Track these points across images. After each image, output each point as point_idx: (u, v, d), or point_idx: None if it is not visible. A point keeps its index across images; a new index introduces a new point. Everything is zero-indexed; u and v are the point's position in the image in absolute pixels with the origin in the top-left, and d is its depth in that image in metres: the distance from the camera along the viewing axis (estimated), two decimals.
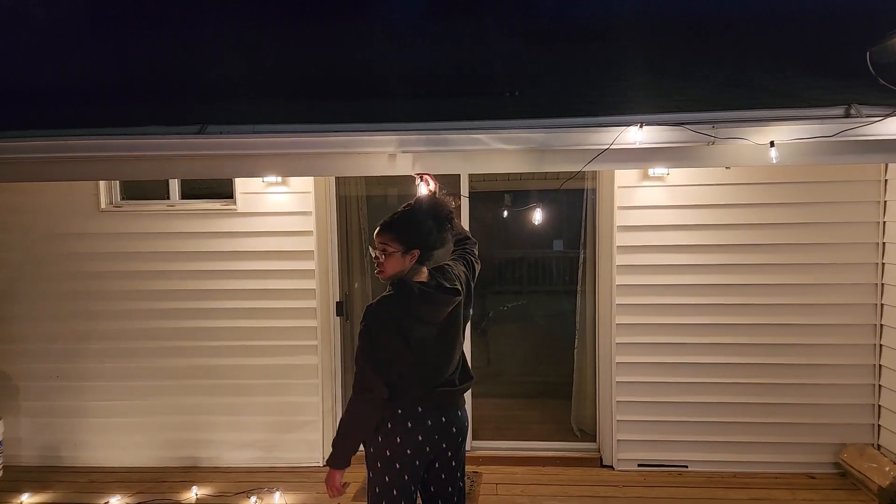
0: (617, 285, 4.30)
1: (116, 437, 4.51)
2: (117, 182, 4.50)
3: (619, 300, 4.31)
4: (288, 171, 3.56)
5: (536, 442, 4.61)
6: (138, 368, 4.47)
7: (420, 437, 2.34)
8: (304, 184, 4.35)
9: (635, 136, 2.93)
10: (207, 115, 3.26)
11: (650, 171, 4.19)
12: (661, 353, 4.28)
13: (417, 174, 3.06)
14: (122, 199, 4.54)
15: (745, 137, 2.90)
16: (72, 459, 4.52)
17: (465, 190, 4.45)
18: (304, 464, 4.46)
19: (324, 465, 2.65)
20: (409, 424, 2.35)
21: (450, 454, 2.48)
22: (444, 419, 2.41)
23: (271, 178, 4.30)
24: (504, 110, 3.42)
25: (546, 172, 5.15)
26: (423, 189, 3.02)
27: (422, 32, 3.63)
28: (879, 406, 4.18)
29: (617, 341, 4.33)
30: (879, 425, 4.19)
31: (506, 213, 5.24)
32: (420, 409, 2.37)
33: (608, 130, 2.96)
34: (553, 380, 5.32)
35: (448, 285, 2.40)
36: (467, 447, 4.53)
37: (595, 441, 4.55)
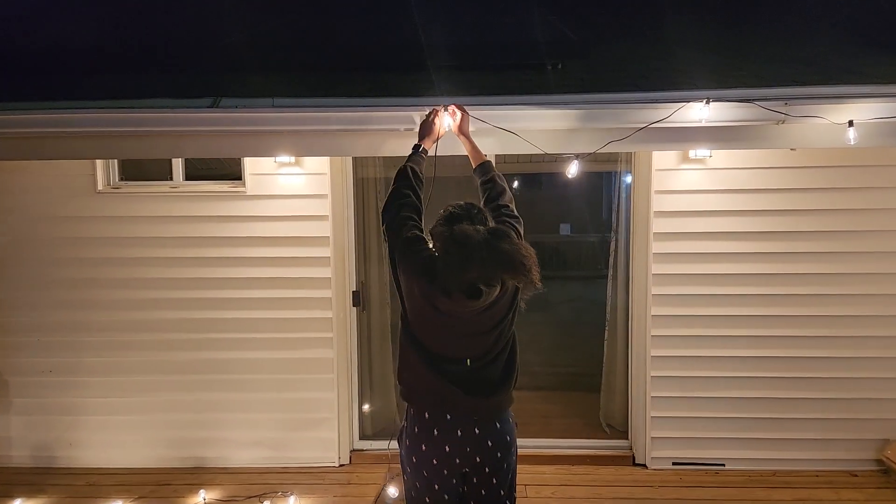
0: (653, 274, 4.08)
1: (116, 436, 4.24)
2: (115, 161, 4.20)
3: (655, 290, 4.09)
4: (309, 151, 3.31)
5: (565, 439, 4.40)
6: (139, 362, 4.20)
7: (447, 448, 2.16)
8: (319, 164, 4.07)
9: (700, 112, 2.70)
10: (221, 88, 2.98)
11: (691, 154, 3.96)
12: (699, 347, 4.08)
13: (443, 106, 2.67)
14: (121, 179, 4.23)
15: (821, 115, 2.68)
16: (67, 460, 4.25)
17: None
18: (319, 464, 4.23)
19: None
20: (436, 433, 2.17)
21: (487, 470, 2.22)
22: (476, 431, 2.17)
23: (284, 159, 4.01)
24: (546, 84, 3.17)
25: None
26: (448, 121, 2.66)
27: (455, 3, 3.33)
28: None
29: (653, 333, 4.12)
30: None
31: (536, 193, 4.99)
32: (449, 417, 2.17)
33: (666, 107, 2.72)
34: (578, 371, 5.13)
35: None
36: None
37: (626, 438, 4.36)
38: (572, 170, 2.75)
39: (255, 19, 3.06)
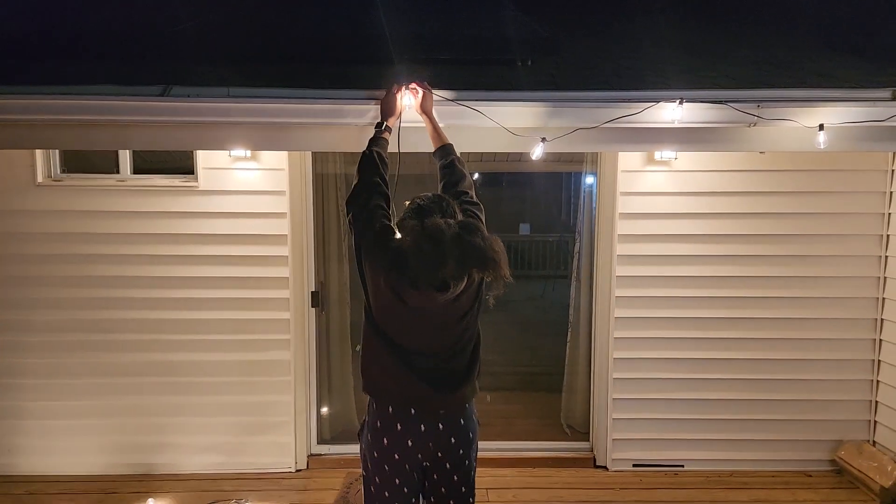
0: (617, 276, 3.97)
1: (60, 442, 3.91)
2: (56, 152, 3.85)
3: (618, 292, 3.98)
4: (266, 144, 3.04)
5: (525, 441, 4.26)
6: (85, 364, 3.88)
7: (409, 443, 2.10)
8: (277, 159, 3.81)
9: (672, 113, 2.56)
10: (173, 76, 2.71)
11: (657, 155, 3.85)
12: (660, 349, 3.99)
13: (404, 86, 2.50)
14: (63, 171, 3.89)
15: (793, 119, 2.57)
16: (6, 467, 3.90)
17: None
18: (276, 469, 3.98)
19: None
20: (398, 427, 2.09)
21: (448, 466, 2.15)
22: (440, 426, 2.10)
23: (239, 153, 3.75)
24: (515, 80, 2.99)
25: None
26: (409, 100, 2.49)
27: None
28: (877, 402, 4.02)
29: (615, 335, 4.01)
30: (876, 422, 4.03)
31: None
32: (413, 412, 2.08)
33: (636, 106, 2.58)
34: (539, 370, 5.00)
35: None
36: None
37: (588, 440, 4.24)
38: (537, 151, 2.57)
39: (212, 7, 2.79)
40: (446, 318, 2.08)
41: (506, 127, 2.51)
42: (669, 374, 3.99)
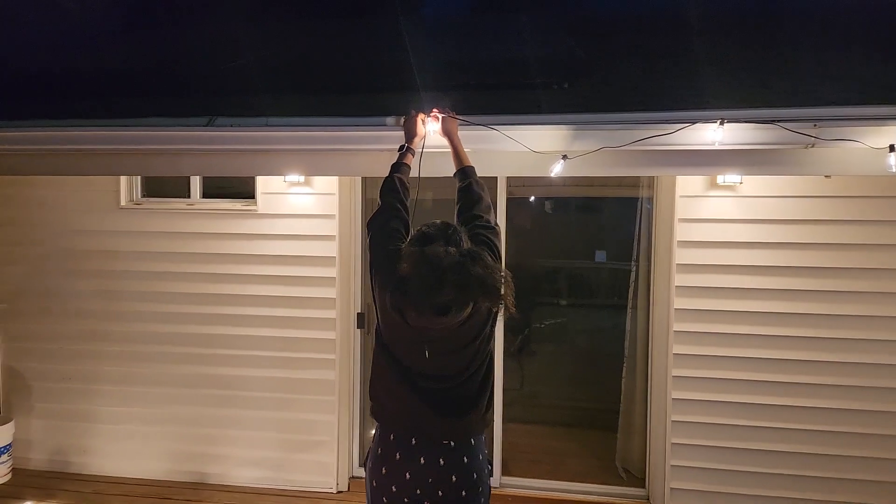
0: (675, 309, 3.58)
1: (126, 446, 4.09)
2: (138, 178, 4.11)
3: (677, 326, 3.59)
4: (303, 170, 3.06)
5: (576, 483, 3.92)
6: (151, 374, 4.05)
7: (407, 475, 1.95)
8: (328, 185, 3.83)
9: (714, 134, 2.26)
10: (218, 109, 2.77)
11: (719, 179, 3.47)
12: (726, 391, 3.53)
13: (426, 113, 2.41)
14: (143, 196, 4.13)
15: (857, 139, 2.18)
16: (80, 466, 4.13)
17: (502, 195, 3.82)
18: (317, 488, 3.92)
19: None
20: (398, 457, 1.96)
21: None
22: (441, 461, 1.93)
23: (293, 178, 3.80)
24: (546, 103, 2.79)
25: (593, 177, 4.48)
26: (431, 126, 2.40)
27: (457, 26, 3.01)
28: None
29: (674, 374, 3.61)
30: None
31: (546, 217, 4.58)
32: (414, 442, 1.94)
33: (680, 128, 2.29)
34: (595, 406, 4.62)
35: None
36: (494, 483, 3.91)
37: (644, 486, 3.84)
38: (557, 168, 2.35)
39: (250, 44, 2.84)
40: (453, 342, 1.94)
41: (531, 148, 2.32)
42: (736, 419, 3.52)
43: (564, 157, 2.31)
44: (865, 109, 2.21)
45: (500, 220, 3.83)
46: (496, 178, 3.80)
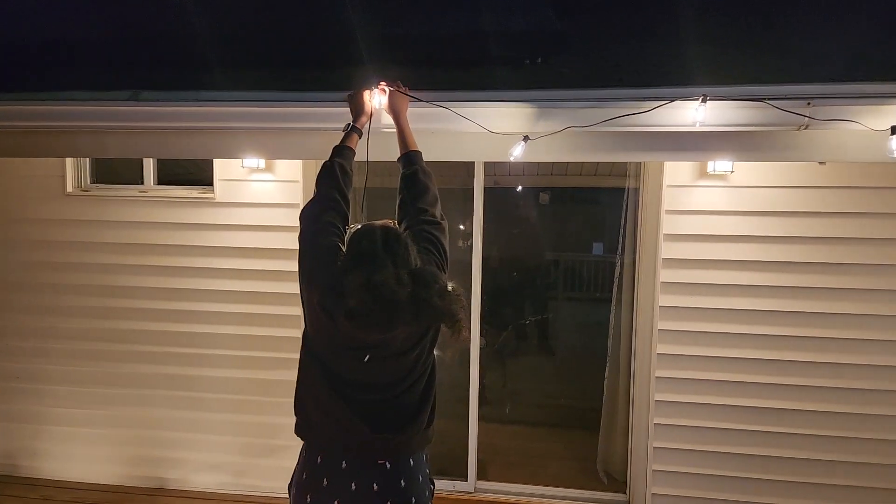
0: (660, 307, 3.40)
1: (78, 449, 3.89)
2: (86, 163, 3.87)
3: (661, 325, 3.41)
4: (255, 151, 2.83)
5: (555, 488, 3.75)
6: (104, 373, 3.84)
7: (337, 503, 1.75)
8: (293, 171, 3.61)
9: (695, 114, 2.05)
10: (143, 82, 2.54)
11: (710, 167, 3.27)
12: (710, 393, 3.37)
13: (374, 86, 2.20)
14: (92, 182, 3.90)
15: (855, 119, 1.98)
16: (29, 470, 3.93)
17: (479, 183, 3.62)
18: (281, 494, 3.71)
19: None
20: (325, 483, 1.76)
21: None
22: (375, 487, 1.74)
23: (252, 163, 3.58)
24: (522, 81, 2.57)
25: (582, 166, 4.27)
26: (379, 99, 2.19)
27: None
28: None
29: (657, 374, 3.43)
30: None
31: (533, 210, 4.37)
32: (344, 466, 1.74)
33: (656, 106, 2.09)
34: (579, 406, 4.45)
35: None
36: (469, 488, 3.74)
37: (625, 492, 3.67)
38: (516, 152, 2.15)
39: (186, 12, 2.61)
40: (391, 349, 1.73)
41: (488, 129, 2.11)
42: (721, 423, 3.36)
43: (526, 138, 2.10)
44: (864, 86, 2.00)
45: (478, 211, 3.64)
46: (473, 163, 3.60)
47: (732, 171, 3.26)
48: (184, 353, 3.77)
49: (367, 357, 1.72)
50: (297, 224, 1.96)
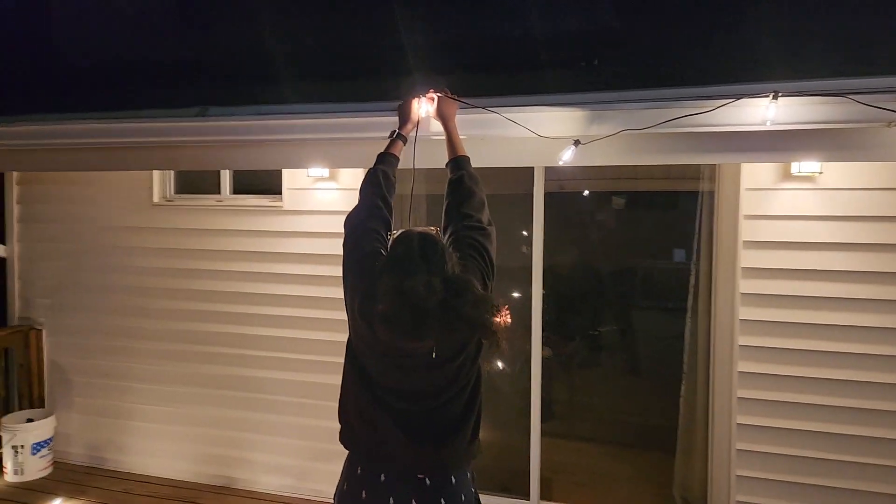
0: (740, 320, 3.16)
1: (156, 444, 4.13)
2: (171, 175, 4.14)
3: (742, 340, 3.17)
4: (319, 161, 2.90)
5: None
6: (182, 373, 4.06)
7: None
8: (355, 180, 3.67)
9: (766, 111, 1.88)
10: (209, 98, 2.67)
11: (794, 169, 3.01)
12: (803, 418, 3.09)
13: (421, 95, 2.20)
14: (176, 192, 4.16)
15: None
16: (114, 462, 4.22)
17: (539, 188, 3.52)
18: None
19: None
20: (364, 495, 1.74)
21: None
22: (414, 502, 1.70)
23: (317, 173, 3.68)
24: (578, 84, 2.47)
25: (651, 168, 4.06)
26: (426, 108, 2.19)
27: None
28: None
29: (739, 395, 3.19)
30: None
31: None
32: (383, 479, 1.71)
33: (709, 105, 1.93)
34: (654, 424, 4.20)
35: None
36: None
37: None
38: (565, 156, 2.06)
39: (245, 31, 2.72)
40: (430, 357, 1.68)
41: (537, 132, 2.04)
42: (812, 451, 3.07)
43: (577, 142, 2.00)
44: None
45: (538, 216, 3.54)
46: (532, 168, 3.52)
47: (821, 173, 2.98)
48: (253, 356, 3.92)
49: (407, 365, 1.69)
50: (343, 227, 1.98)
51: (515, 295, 3.69)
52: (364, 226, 1.90)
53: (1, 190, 4.33)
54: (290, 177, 3.82)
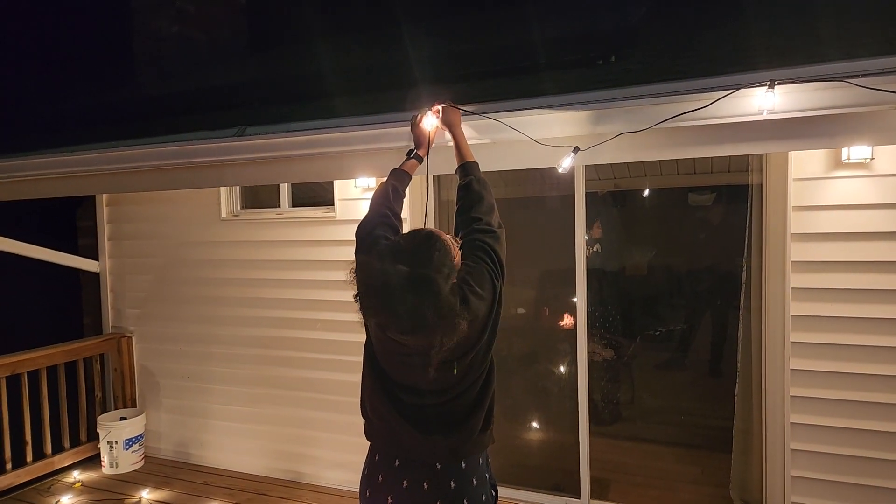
0: (791, 316, 3.10)
1: (233, 441, 4.55)
2: (237, 191, 4.55)
3: (794, 337, 3.11)
4: (363, 171, 3.12)
5: None
6: (253, 376, 4.45)
7: (389, 500, 1.85)
8: None
9: (762, 101, 1.91)
10: (245, 119, 2.98)
11: (844, 155, 2.93)
12: (859, 416, 2.99)
13: (427, 109, 2.34)
14: (242, 207, 4.56)
15: None
16: (198, 458, 4.67)
17: (580, 188, 3.59)
18: None
19: None
20: (380, 479, 1.90)
21: None
22: (425, 486, 1.82)
23: (363, 183, 3.94)
24: (595, 82, 2.57)
25: (699, 166, 4.03)
26: (433, 120, 2.33)
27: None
28: None
29: (791, 393, 3.12)
30: None
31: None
32: (397, 464, 1.86)
33: (707, 98, 1.98)
34: (712, 424, 4.14)
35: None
36: None
37: None
38: (565, 164, 2.16)
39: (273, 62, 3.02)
40: (436, 355, 1.69)
41: (532, 138, 2.17)
42: (869, 451, 2.97)
43: (576, 149, 2.10)
44: None
45: (579, 216, 3.61)
46: (574, 168, 3.58)
47: (872, 158, 2.88)
48: (315, 358, 4.23)
49: (414, 363, 1.75)
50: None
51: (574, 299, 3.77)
52: (373, 233, 2.03)
53: (93, 210, 4.93)
54: (341, 188, 4.11)
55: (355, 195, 4.05)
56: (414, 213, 3.90)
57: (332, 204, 4.17)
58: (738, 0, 2.23)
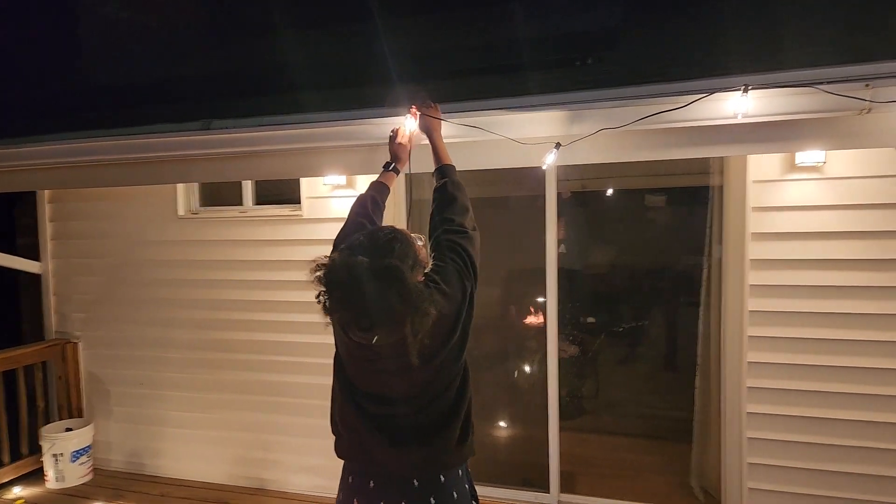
0: (749, 311, 3.31)
1: (191, 449, 4.44)
2: (195, 188, 4.45)
3: (751, 331, 3.32)
4: (335, 168, 3.14)
5: (643, 503, 3.72)
6: (212, 380, 4.36)
7: None
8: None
9: (736, 105, 2.07)
10: (211, 112, 2.95)
11: (798, 159, 3.16)
12: (811, 405, 3.23)
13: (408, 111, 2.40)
14: (201, 205, 4.47)
15: None
16: (153, 468, 4.54)
17: (551, 189, 3.72)
18: None
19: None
20: (356, 502, 1.85)
21: None
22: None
23: (332, 180, 3.95)
24: (575, 83, 2.69)
25: (661, 168, 4.24)
26: (412, 125, 2.39)
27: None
28: None
29: (749, 384, 3.33)
30: None
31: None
32: (372, 485, 1.82)
33: (682, 100, 2.13)
34: (673, 416, 4.36)
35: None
36: (552, 500, 3.81)
37: None
38: (548, 160, 2.27)
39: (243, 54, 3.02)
40: (405, 360, 1.66)
41: (510, 137, 2.27)
42: (822, 437, 3.20)
43: (558, 145, 2.21)
44: None
45: (550, 217, 3.73)
46: (545, 171, 3.72)
47: (825, 162, 3.13)
48: (278, 361, 4.19)
49: (382, 368, 1.75)
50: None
51: (540, 300, 3.89)
52: (347, 240, 1.95)
53: (34, 208, 4.71)
54: (308, 185, 4.09)
55: (323, 193, 4.04)
56: (387, 214, 3.92)
57: (299, 202, 4.15)
58: (715, 6, 2.39)
